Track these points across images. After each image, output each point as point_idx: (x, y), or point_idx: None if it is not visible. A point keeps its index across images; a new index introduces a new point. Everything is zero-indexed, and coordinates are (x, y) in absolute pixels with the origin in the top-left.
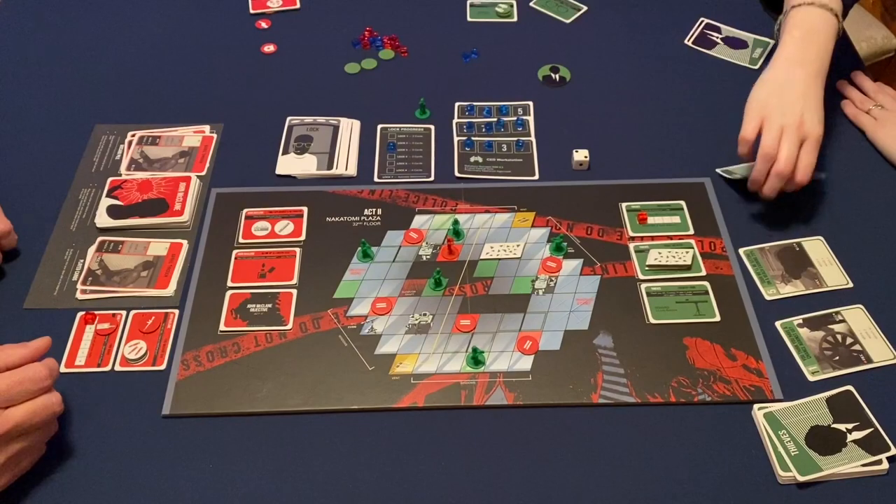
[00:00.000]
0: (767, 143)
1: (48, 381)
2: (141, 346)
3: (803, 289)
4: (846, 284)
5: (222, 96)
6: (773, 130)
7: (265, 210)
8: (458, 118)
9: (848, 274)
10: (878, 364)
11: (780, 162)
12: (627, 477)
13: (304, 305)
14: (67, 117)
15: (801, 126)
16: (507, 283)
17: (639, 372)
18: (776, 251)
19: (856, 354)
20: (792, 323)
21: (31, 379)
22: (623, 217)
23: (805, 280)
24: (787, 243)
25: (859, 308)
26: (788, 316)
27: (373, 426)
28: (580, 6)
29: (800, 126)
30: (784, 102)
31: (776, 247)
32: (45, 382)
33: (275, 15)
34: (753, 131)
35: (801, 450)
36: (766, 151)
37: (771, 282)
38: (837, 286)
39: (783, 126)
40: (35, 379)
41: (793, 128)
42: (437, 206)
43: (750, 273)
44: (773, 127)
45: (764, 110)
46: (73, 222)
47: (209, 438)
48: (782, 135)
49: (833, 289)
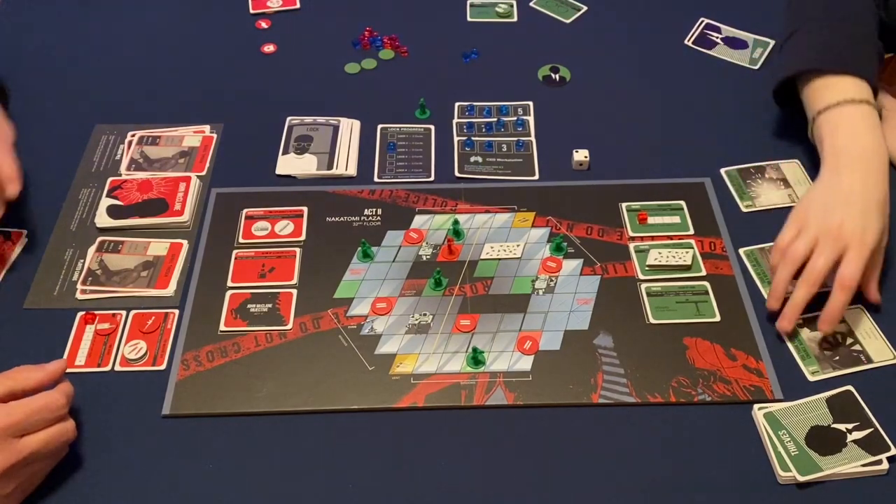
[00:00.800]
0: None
1: (65, 409)
2: (141, 346)
3: None
4: None
5: (222, 96)
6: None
7: (265, 210)
8: (458, 118)
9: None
10: (878, 364)
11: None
12: (627, 477)
13: (304, 305)
14: (67, 117)
15: (838, 235)
16: (507, 283)
17: (639, 372)
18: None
19: (856, 354)
20: None
21: (48, 408)
22: (623, 217)
23: None
24: None
25: (859, 308)
26: None
27: (373, 426)
28: (580, 6)
29: (837, 235)
30: (826, 207)
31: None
32: (62, 411)
33: (275, 15)
34: (790, 238)
35: (801, 450)
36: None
37: (771, 282)
38: None
39: (818, 232)
40: (52, 408)
41: (826, 235)
42: (437, 206)
43: (750, 273)
44: (807, 233)
45: (802, 218)
46: (73, 222)
47: (209, 438)
48: (818, 243)
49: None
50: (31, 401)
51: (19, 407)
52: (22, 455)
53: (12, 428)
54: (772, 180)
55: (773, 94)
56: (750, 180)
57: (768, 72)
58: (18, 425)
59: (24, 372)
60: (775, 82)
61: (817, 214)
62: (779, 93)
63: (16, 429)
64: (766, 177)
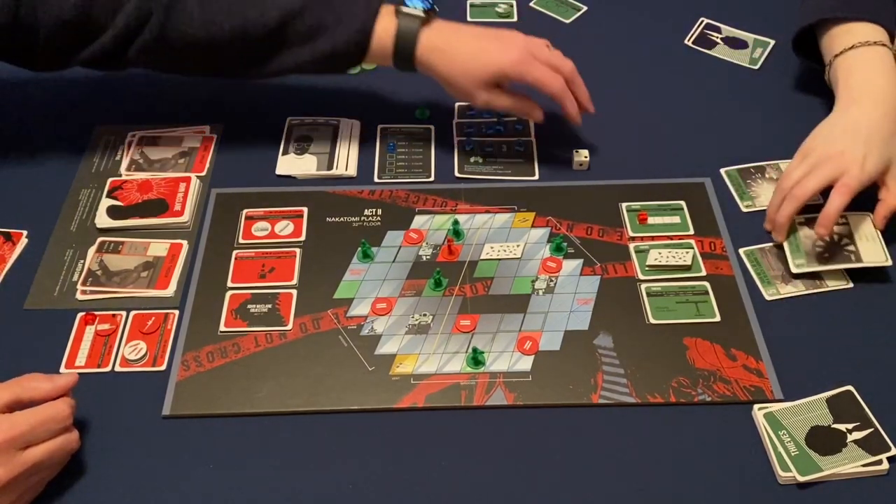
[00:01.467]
0: (788, 170)
1: (70, 420)
2: (141, 346)
3: (804, 289)
4: (846, 285)
5: (222, 96)
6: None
7: (265, 210)
8: (458, 118)
9: (848, 275)
10: (868, 264)
11: (785, 179)
12: (627, 477)
13: (304, 306)
14: (68, 118)
15: (838, 161)
16: (507, 284)
17: (639, 372)
18: (776, 251)
19: (847, 253)
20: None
21: (54, 419)
22: (623, 217)
23: (805, 281)
24: None
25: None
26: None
27: (373, 426)
28: (580, 6)
29: (838, 161)
30: (829, 138)
31: (776, 247)
32: (68, 422)
33: None
34: (794, 170)
35: (801, 450)
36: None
37: (771, 282)
38: (837, 287)
39: (818, 159)
40: (58, 419)
41: (826, 161)
42: (437, 207)
43: (750, 273)
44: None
45: (808, 148)
46: (73, 223)
47: (209, 439)
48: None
49: (834, 289)
50: (36, 412)
51: (23, 418)
52: (24, 467)
53: (16, 440)
54: (772, 180)
55: (793, 43)
56: (750, 180)
57: (770, 65)
58: (22, 437)
59: (34, 381)
60: (796, 30)
61: (821, 144)
62: (799, 45)
63: (19, 441)
64: (766, 177)
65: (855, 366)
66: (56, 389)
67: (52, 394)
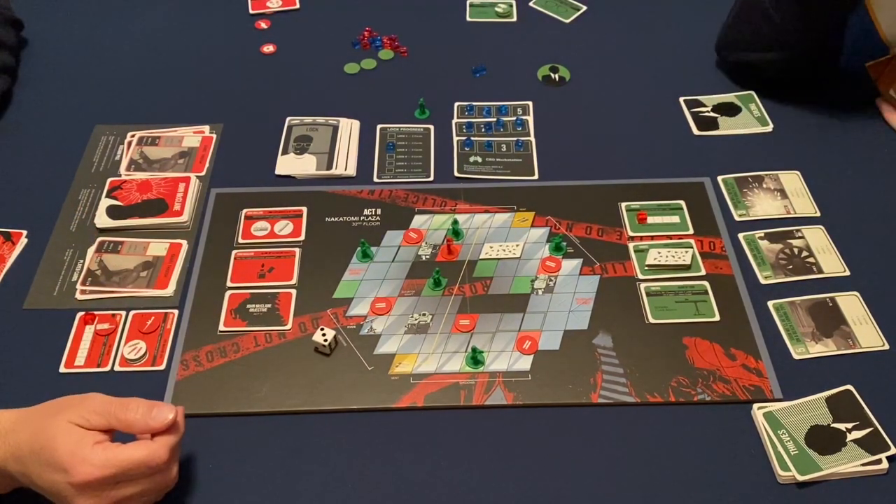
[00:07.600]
0: None
1: (166, 466)
2: (140, 346)
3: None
4: (843, 272)
5: (222, 96)
6: None
7: (265, 210)
8: (458, 118)
9: (846, 262)
10: (829, 275)
11: None
12: (627, 477)
13: (304, 305)
14: (67, 117)
15: None
16: (506, 283)
17: (638, 372)
18: (776, 251)
19: (808, 265)
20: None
21: (147, 464)
22: (622, 217)
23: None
24: (788, 243)
25: (820, 228)
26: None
27: (372, 426)
28: (580, 6)
29: None
30: None
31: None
32: (162, 468)
33: (274, 15)
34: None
35: (800, 449)
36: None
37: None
38: (835, 273)
39: None
40: (152, 465)
41: None
42: (437, 206)
43: (748, 259)
44: None
45: None
46: (73, 223)
47: (209, 438)
48: None
49: (831, 276)
50: (132, 454)
51: (116, 460)
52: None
53: (107, 480)
54: (769, 190)
55: None
56: (746, 189)
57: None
58: (113, 478)
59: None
60: None
61: None
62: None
63: (110, 481)
64: (763, 186)
65: (855, 365)
66: (157, 424)
67: (152, 430)
